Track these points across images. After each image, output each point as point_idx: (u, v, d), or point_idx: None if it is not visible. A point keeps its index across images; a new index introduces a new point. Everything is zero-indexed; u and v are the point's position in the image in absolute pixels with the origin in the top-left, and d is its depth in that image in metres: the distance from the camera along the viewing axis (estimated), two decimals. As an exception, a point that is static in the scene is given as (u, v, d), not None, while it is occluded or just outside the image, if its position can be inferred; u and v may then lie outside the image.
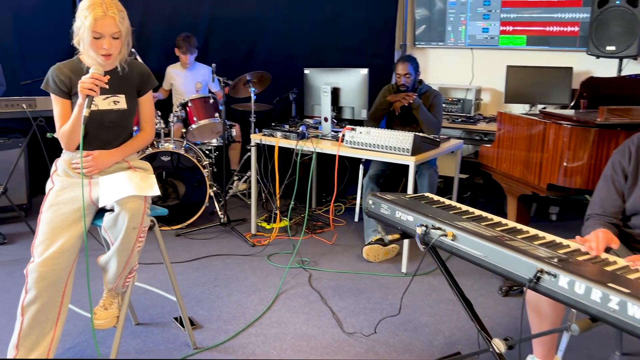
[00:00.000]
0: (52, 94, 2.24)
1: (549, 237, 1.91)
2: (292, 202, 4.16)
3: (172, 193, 4.15)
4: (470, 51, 5.34)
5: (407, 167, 3.80)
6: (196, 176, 4.07)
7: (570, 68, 4.65)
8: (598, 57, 4.32)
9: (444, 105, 5.12)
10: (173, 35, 5.02)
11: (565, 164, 2.74)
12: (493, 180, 3.47)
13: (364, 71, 3.61)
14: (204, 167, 4.12)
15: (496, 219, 2.13)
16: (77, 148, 2.27)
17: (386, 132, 3.30)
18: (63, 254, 2.04)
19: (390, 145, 3.26)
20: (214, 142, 4.64)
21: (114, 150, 2.28)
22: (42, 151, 3.70)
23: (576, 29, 4.73)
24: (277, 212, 4.16)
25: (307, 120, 4.22)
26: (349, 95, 3.70)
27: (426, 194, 2.45)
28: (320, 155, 3.67)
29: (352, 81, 3.67)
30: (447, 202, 2.31)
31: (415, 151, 3.22)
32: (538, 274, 1.60)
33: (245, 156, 4.89)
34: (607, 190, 2.10)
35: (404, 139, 3.22)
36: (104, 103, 2.24)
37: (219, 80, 4.07)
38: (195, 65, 4.99)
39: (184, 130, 4.27)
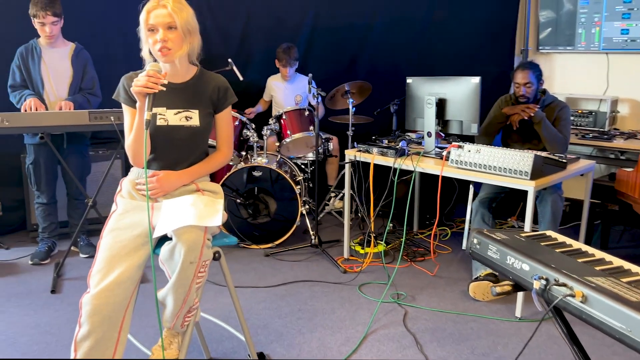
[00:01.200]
0: (122, 104, 2.07)
1: None
2: (389, 225, 3.76)
3: (263, 210, 3.92)
4: (605, 56, 4.62)
5: (525, 190, 3.29)
6: (291, 192, 3.81)
7: None
8: None
9: (572, 118, 4.49)
10: (275, 45, 4.84)
11: None
12: (634, 211, 2.85)
13: (476, 80, 3.14)
14: (297, 184, 3.85)
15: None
16: (150, 165, 2.08)
17: (500, 150, 2.81)
18: (120, 285, 1.83)
19: (504, 166, 2.77)
20: (310, 156, 4.37)
21: (183, 171, 2.05)
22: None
23: None
24: (372, 236, 3.78)
25: (409, 134, 3.80)
26: (457, 107, 3.24)
27: (548, 233, 1.96)
28: (424, 172, 3.24)
29: (461, 91, 3.21)
30: (577, 245, 1.81)
31: (535, 174, 2.70)
32: None
33: (342, 172, 4.57)
34: None
35: (522, 159, 2.71)
36: (174, 118, 2.02)
37: (315, 90, 3.80)
38: (295, 77, 4.77)
39: (277, 144, 4.04)
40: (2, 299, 3.08)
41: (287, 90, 4.73)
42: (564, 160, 2.96)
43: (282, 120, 3.96)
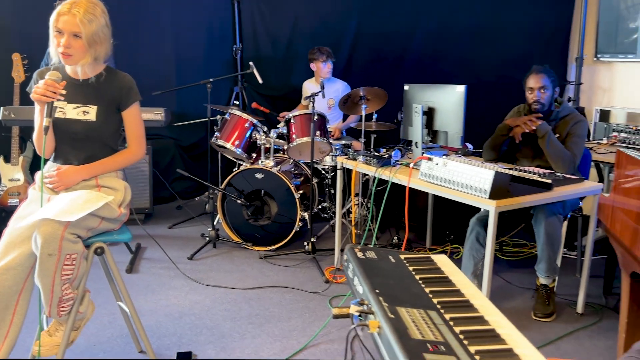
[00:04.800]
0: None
1: (531, 357, 1.15)
2: (395, 238, 3.59)
3: (265, 212, 3.94)
4: (673, 66, 4.04)
5: (529, 207, 2.98)
6: (292, 197, 3.78)
7: None
8: None
9: (624, 135, 3.98)
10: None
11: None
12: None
13: (460, 88, 2.90)
14: (298, 189, 3.82)
15: (490, 311, 1.39)
16: (55, 159, 2.20)
17: (464, 165, 2.57)
18: (9, 271, 1.94)
19: (465, 182, 2.53)
20: (329, 161, 4.31)
21: (83, 166, 2.14)
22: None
23: None
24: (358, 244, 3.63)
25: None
26: (444, 117, 3.02)
27: (435, 258, 1.76)
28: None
29: (446, 100, 2.99)
30: (456, 275, 1.61)
31: (497, 194, 2.43)
32: None
33: (362, 179, 4.44)
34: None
35: (481, 176, 2.46)
36: (72, 112, 2.11)
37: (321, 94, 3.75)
38: (330, 80, 4.73)
39: (286, 147, 4.03)
40: None
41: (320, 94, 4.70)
42: (547, 181, 2.63)
43: (290, 124, 3.95)
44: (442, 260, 1.74)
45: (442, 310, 1.37)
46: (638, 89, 4.29)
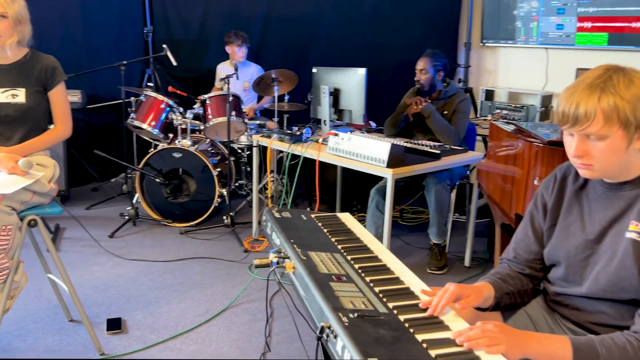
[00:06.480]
0: None
1: (413, 283, 1.49)
2: (290, 204, 3.91)
3: (184, 189, 4.12)
4: (545, 51, 4.61)
5: (423, 179, 3.38)
6: (209, 174, 3.98)
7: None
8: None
9: (505, 112, 4.53)
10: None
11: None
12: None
13: (362, 71, 3.24)
14: (215, 167, 4.03)
15: (383, 252, 1.72)
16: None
17: (365, 139, 2.92)
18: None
19: (366, 154, 2.88)
20: (244, 140, 4.53)
21: (15, 146, 2.25)
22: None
23: (671, 24, 3.85)
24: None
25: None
26: (348, 97, 3.35)
27: (340, 216, 2.08)
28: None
29: (350, 82, 3.32)
30: (358, 228, 1.93)
31: (393, 163, 2.80)
32: (327, 331, 1.24)
33: (277, 156, 4.72)
34: (524, 230, 1.58)
35: (380, 148, 2.81)
36: (1, 96, 2.21)
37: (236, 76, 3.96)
38: (244, 64, 4.93)
39: (202, 127, 4.21)
40: None
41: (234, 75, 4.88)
42: (436, 152, 3.04)
43: (205, 105, 4.12)
44: (345, 217, 2.07)
45: (344, 253, 1.68)
46: (518, 71, 4.85)
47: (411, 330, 1.22)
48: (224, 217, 3.97)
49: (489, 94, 4.78)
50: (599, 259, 1.36)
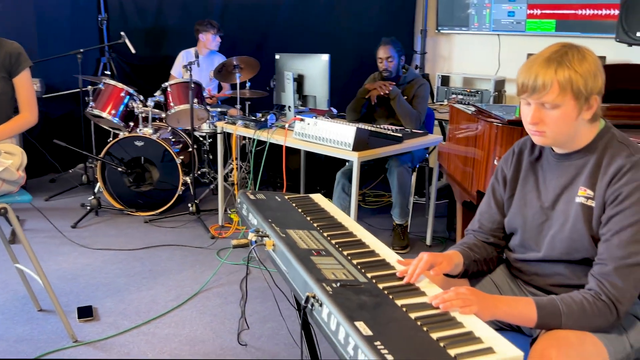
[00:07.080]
0: None
1: (388, 255, 1.58)
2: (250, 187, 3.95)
3: (147, 178, 4.10)
4: (497, 37, 4.79)
5: (385, 162, 3.48)
6: (173, 163, 3.97)
7: (603, 57, 4.00)
8: (630, 45, 3.67)
9: (461, 97, 4.68)
10: (189, 20, 4.98)
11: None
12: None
13: (325, 57, 3.31)
14: (178, 155, 4.02)
15: (357, 229, 1.81)
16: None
17: (331, 124, 2.99)
18: None
19: (332, 138, 2.96)
20: (205, 127, 4.53)
21: None
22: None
23: (613, 12, 4.07)
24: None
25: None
26: (312, 83, 3.42)
27: (312, 196, 2.16)
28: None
29: (314, 68, 3.39)
30: (330, 207, 2.00)
31: (359, 147, 2.88)
32: (311, 300, 1.31)
33: (240, 144, 4.73)
34: (487, 202, 1.70)
35: (346, 132, 2.90)
36: (-34, 85, 2.18)
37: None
38: (213, 52, 4.91)
39: (163, 115, 4.19)
40: None
41: (202, 65, 4.84)
42: (398, 135, 3.15)
43: (167, 92, 4.10)
44: (317, 198, 2.14)
45: (321, 230, 1.76)
46: (472, 58, 5.03)
47: (390, 297, 1.31)
48: (189, 205, 3.97)
49: (445, 80, 4.93)
50: (552, 224, 1.48)
